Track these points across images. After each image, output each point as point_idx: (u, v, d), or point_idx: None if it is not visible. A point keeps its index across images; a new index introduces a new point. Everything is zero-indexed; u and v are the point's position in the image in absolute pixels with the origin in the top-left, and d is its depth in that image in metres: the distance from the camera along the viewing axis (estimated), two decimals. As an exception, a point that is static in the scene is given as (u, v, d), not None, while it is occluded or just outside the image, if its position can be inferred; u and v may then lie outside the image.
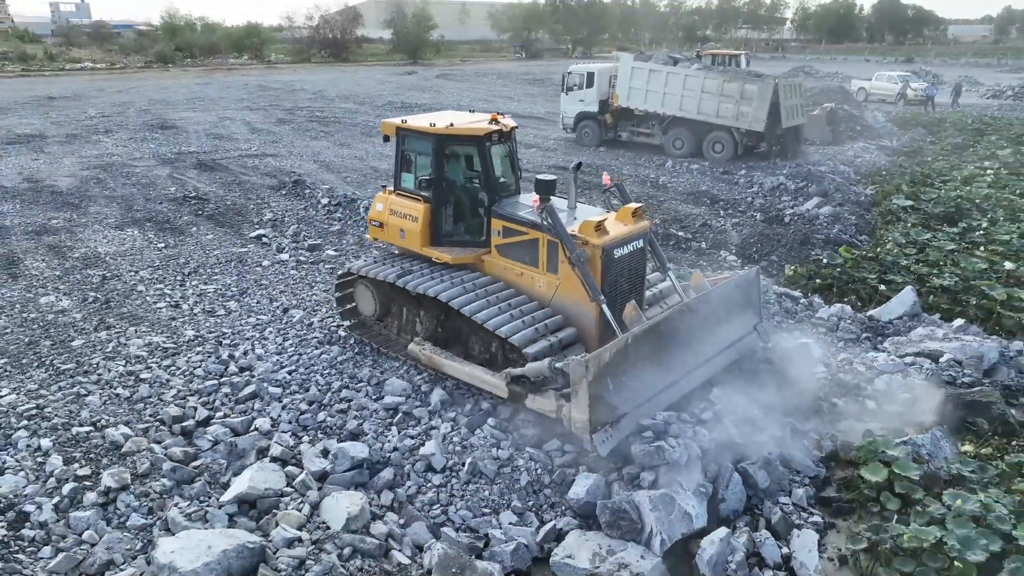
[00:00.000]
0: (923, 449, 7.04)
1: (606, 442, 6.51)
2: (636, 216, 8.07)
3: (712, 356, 7.96)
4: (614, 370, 6.67)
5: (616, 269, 7.74)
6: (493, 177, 8.51)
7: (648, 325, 7.18)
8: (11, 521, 5.87)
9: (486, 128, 8.37)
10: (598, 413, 6.48)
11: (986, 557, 5.45)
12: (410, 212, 8.65)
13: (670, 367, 7.31)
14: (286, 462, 6.81)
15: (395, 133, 8.85)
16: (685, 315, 7.63)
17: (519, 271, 8.24)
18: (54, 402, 7.60)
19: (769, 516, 6.44)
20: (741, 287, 8.69)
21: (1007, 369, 8.95)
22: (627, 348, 6.81)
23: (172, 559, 5.20)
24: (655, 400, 7.08)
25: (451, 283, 8.10)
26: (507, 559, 5.84)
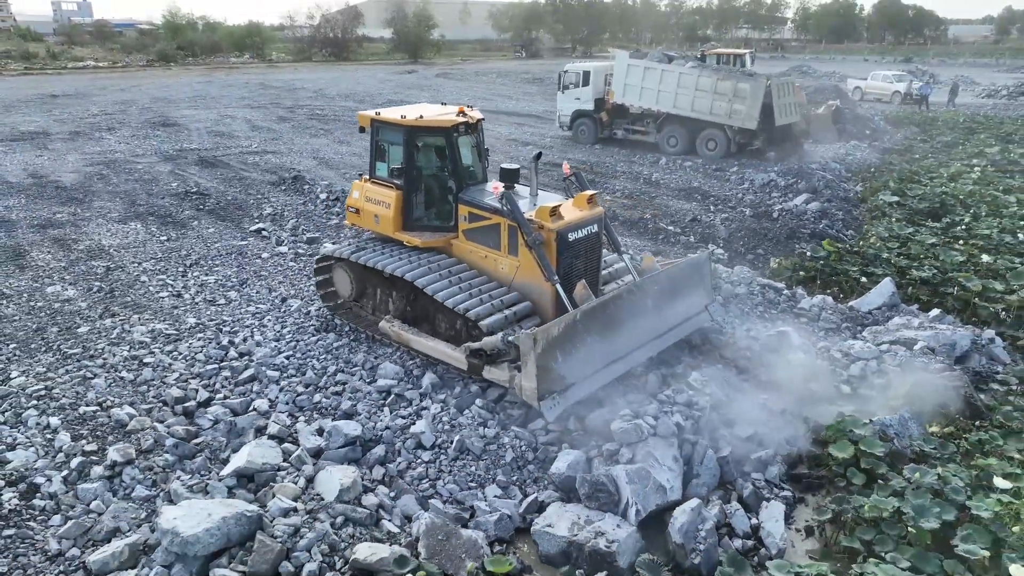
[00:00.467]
0: (891, 429, 7.38)
1: (553, 408, 7.08)
2: (591, 202, 8.59)
3: (662, 333, 8.51)
4: (563, 343, 7.21)
5: (571, 251, 8.27)
6: (460, 166, 9.02)
7: (596, 303, 7.71)
8: (23, 492, 6.22)
9: (454, 120, 8.86)
10: (546, 382, 7.03)
11: (939, 524, 5.79)
12: (383, 199, 9.19)
13: (618, 342, 7.85)
14: (283, 439, 7.15)
15: (370, 124, 9.37)
16: (633, 294, 8.17)
17: (484, 254, 8.76)
18: (62, 384, 7.95)
19: (741, 491, 6.78)
20: (691, 269, 9.25)
21: (978, 356, 9.29)
22: (575, 323, 7.37)
23: (175, 525, 5.54)
24: (603, 372, 7.64)
25: (419, 265, 8.65)
26: (491, 528, 6.19)
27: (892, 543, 5.82)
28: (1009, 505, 5.93)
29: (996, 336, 9.75)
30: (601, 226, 8.74)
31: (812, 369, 8.95)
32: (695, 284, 9.28)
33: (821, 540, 6.37)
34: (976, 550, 5.50)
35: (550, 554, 6.00)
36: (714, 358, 9.04)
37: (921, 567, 5.50)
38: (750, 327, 10.20)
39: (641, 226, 14.64)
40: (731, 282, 11.57)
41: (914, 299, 11.30)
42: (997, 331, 9.98)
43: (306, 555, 5.63)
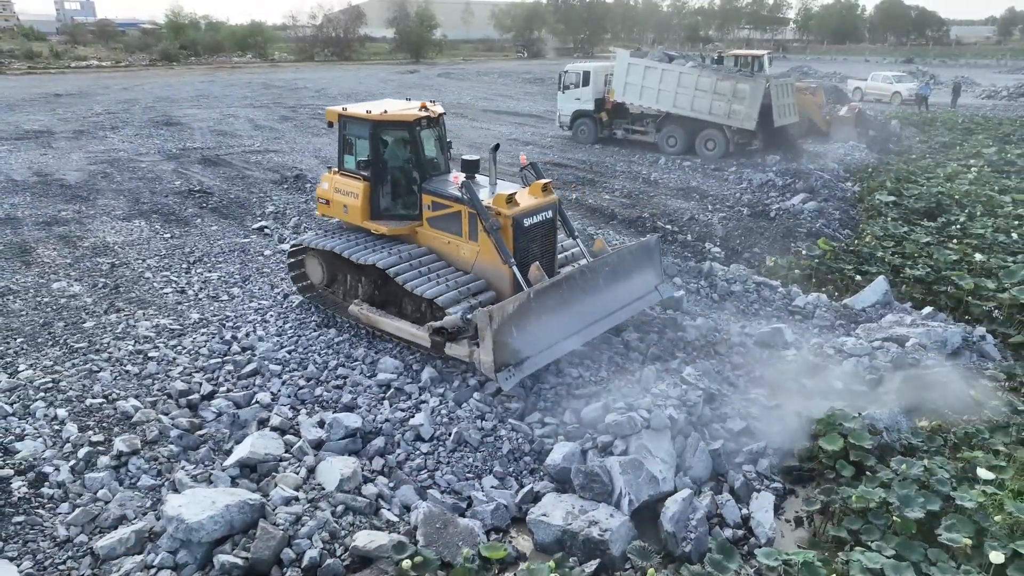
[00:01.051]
0: (880, 423, 7.53)
1: (509, 379, 7.63)
2: (546, 191, 9.15)
3: (614, 310, 9.06)
4: (518, 320, 7.74)
5: (527, 236, 8.79)
6: (424, 158, 9.52)
7: (549, 282, 8.27)
8: (31, 481, 6.38)
9: (416, 114, 9.37)
10: (502, 355, 7.57)
11: (924, 514, 5.94)
12: (351, 190, 9.67)
13: (570, 318, 8.40)
14: (285, 431, 7.31)
15: (337, 119, 9.82)
16: (584, 274, 8.75)
17: (447, 240, 9.26)
18: (68, 377, 8.11)
19: (732, 482, 6.94)
20: (640, 252, 9.78)
21: (969, 353, 9.45)
22: (529, 302, 7.91)
23: (180, 512, 5.71)
24: (557, 346, 8.19)
25: (386, 252, 9.15)
26: (487, 517, 6.35)
27: (878, 532, 5.97)
28: (993, 496, 6.08)
29: (987, 334, 9.90)
30: (555, 212, 9.25)
31: (805, 365, 9.11)
32: (645, 265, 9.81)
33: (810, 530, 6.53)
34: (959, 539, 5.65)
35: (545, 542, 6.16)
36: (708, 353, 9.19)
37: (906, 555, 5.65)
38: (745, 324, 10.36)
39: (640, 225, 14.78)
40: (727, 280, 11.73)
41: (908, 297, 11.45)
42: (989, 329, 10.13)
43: (307, 542, 5.80)
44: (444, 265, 9.16)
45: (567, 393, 7.99)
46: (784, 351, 9.51)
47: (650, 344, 9.20)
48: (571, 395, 7.92)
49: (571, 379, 8.29)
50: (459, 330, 8.06)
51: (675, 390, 7.61)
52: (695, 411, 7.51)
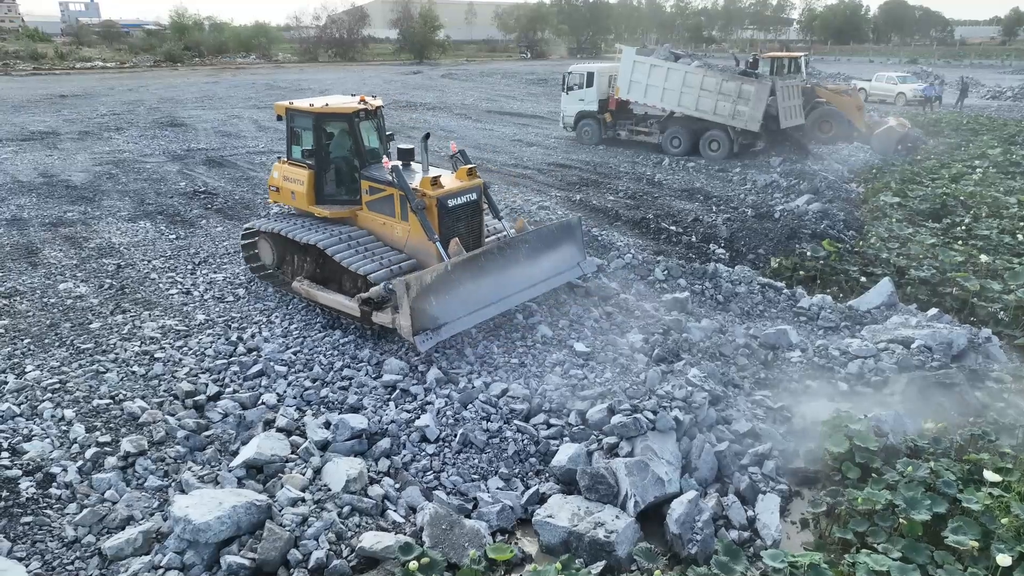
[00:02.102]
0: (885, 425, 7.52)
1: (426, 342, 8.35)
2: (471, 175, 10.00)
3: (534, 283, 9.84)
4: (436, 289, 8.53)
5: (451, 215, 9.58)
6: (363, 147, 10.26)
7: (466, 256, 9.04)
8: (39, 481, 6.41)
9: (355, 107, 10.17)
10: (420, 321, 8.33)
11: (930, 516, 5.94)
12: (298, 178, 10.54)
13: (488, 289, 9.17)
14: (291, 432, 7.34)
15: (285, 113, 10.66)
16: (502, 250, 9.50)
17: (382, 221, 10.10)
18: (75, 378, 8.14)
19: (738, 484, 6.94)
20: (561, 230, 10.53)
21: (975, 355, 9.43)
22: (447, 273, 8.70)
23: (187, 513, 5.74)
24: (476, 314, 8.97)
25: (325, 233, 9.96)
26: (493, 519, 6.36)
27: (884, 535, 5.97)
28: (999, 498, 6.07)
29: (993, 335, 9.88)
30: (480, 194, 10.06)
31: (811, 367, 9.11)
32: (566, 243, 10.55)
33: (815, 532, 6.53)
34: (965, 541, 5.64)
35: (551, 544, 6.16)
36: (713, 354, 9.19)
37: (912, 557, 5.64)
38: (750, 325, 10.36)
39: (644, 226, 14.78)
40: (732, 281, 11.72)
41: (913, 299, 11.43)
42: (994, 330, 10.11)
43: (314, 543, 5.82)
44: (379, 244, 9.95)
45: (572, 394, 7.99)
46: (789, 352, 9.51)
47: (655, 345, 9.21)
48: (576, 396, 7.93)
49: (576, 380, 8.30)
50: (383, 300, 8.79)
51: (680, 391, 7.61)
52: (700, 413, 7.51)
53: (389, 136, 10.68)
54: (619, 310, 10.38)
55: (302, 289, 10.09)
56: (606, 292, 10.88)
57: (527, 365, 8.76)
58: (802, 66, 27.08)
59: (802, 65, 27.10)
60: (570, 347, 9.10)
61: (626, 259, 12.12)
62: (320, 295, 9.87)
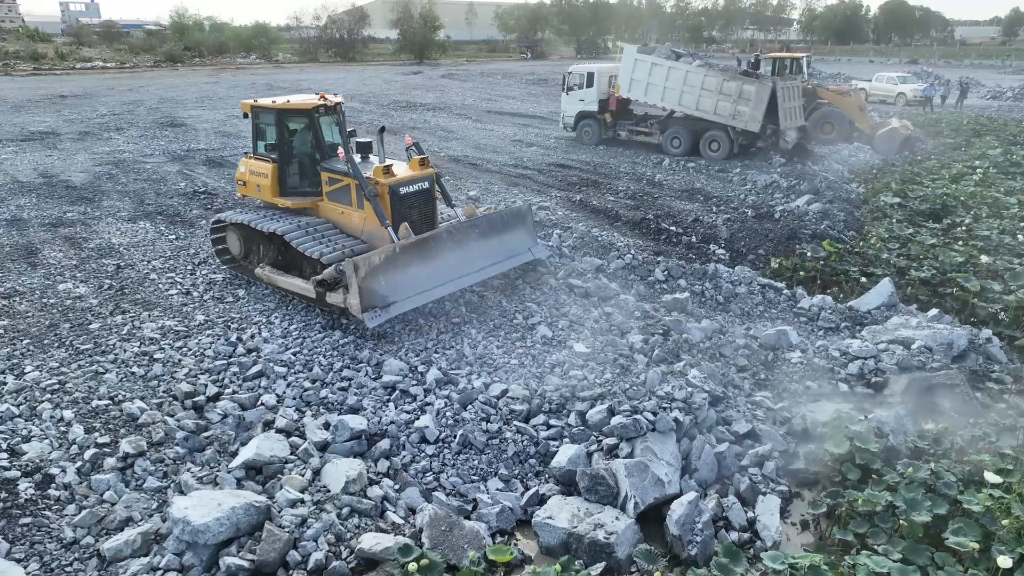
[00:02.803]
0: (886, 426, 7.51)
1: (374, 319, 8.88)
2: (423, 165, 10.57)
3: (484, 266, 10.35)
4: (385, 270, 9.03)
5: (404, 203, 10.20)
6: (322, 140, 10.78)
7: (415, 239, 9.55)
8: (38, 483, 6.39)
9: (314, 103, 10.65)
10: (368, 299, 8.85)
11: (931, 518, 5.93)
12: (263, 171, 11.03)
13: (438, 271, 9.67)
14: (290, 433, 7.32)
15: (250, 110, 11.19)
16: (451, 234, 10.01)
17: (341, 210, 10.64)
18: (75, 378, 8.13)
19: (738, 485, 6.93)
20: (511, 217, 11.12)
21: (975, 355, 9.42)
22: (395, 255, 9.18)
23: (186, 514, 5.73)
24: (425, 294, 9.49)
25: (286, 222, 10.50)
26: (493, 520, 6.35)
27: (885, 536, 5.96)
28: (1000, 500, 6.06)
29: (994, 336, 9.88)
30: (432, 183, 10.69)
31: (811, 368, 9.10)
32: (517, 229, 11.09)
33: (816, 533, 6.53)
34: (966, 542, 5.63)
35: (550, 545, 6.16)
36: (713, 355, 9.18)
37: (912, 559, 5.63)
38: (750, 326, 10.35)
39: (644, 226, 14.77)
40: (732, 282, 11.72)
41: (913, 299, 11.43)
42: (995, 331, 10.10)
43: (313, 544, 5.81)
44: (335, 231, 10.50)
45: (572, 395, 7.97)
46: (789, 353, 9.50)
47: (655, 346, 9.20)
48: (576, 397, 7.91)
49: (576, 381, 8.29)
50: (336, 281, 9.27)
51: (680, 392, 7.60)
52: (700, 414, 7.50)
53: (351, 132, 11.24)
54: (619, 310, 10.37)
55: (264, 275, 10.67)
56: (606, 292, 10.88)
57: (527, 366, 8.75)
58: (804, 67, 26.96)
59: (804, 66, 26.99)
60: (570, 348, 9.09)
61: (626, 259, 12.11)
62: (279, 280, 10.45)
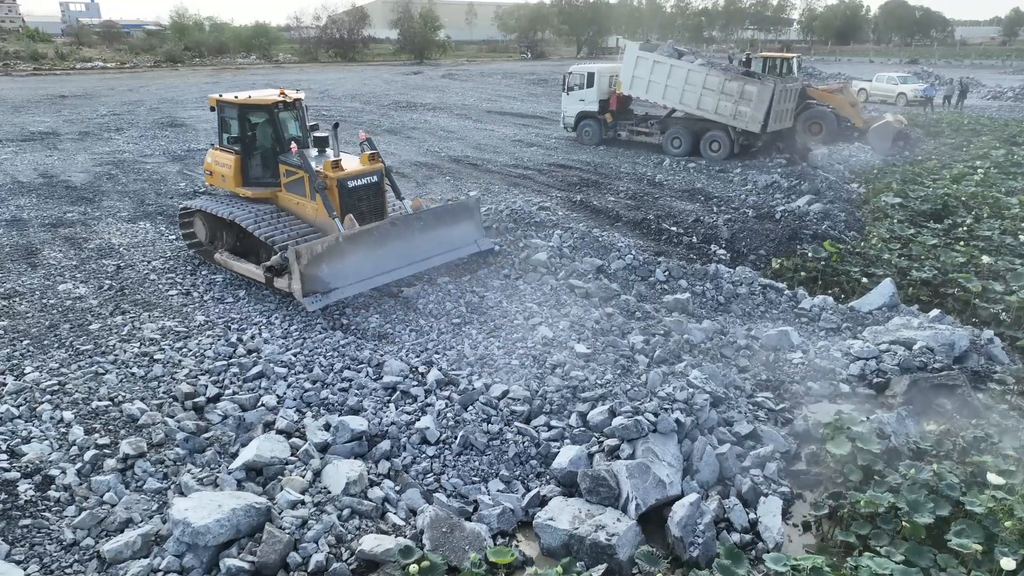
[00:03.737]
0: (888, 427, 7.49)
1: (314, 303, 9.56)
2: (373, 160, 11.18)
3: (428, 257, 10.92)
4: (327, 258, 9.66)
5: (352, 195, 10.79)
6: (281, 134, 11.38)
7: (358, 230, 10.13)
8: (38, 484, 6.38)
9: (274, 99, 11.31)
10: (309, 284, 9.52)
11: (933, 519, 5.91)
12: (227, 162, 11.69)
13: (380, 260, 10.26)
14: (290, 434, 7.30)
15: (216, 104, 11.80)
16: (396, 225, 10.57)
17: (296, 201, 11.29)
18: (75, 379, 8.11)
19: (740, 487, 6.91)
20: (458, 210, 11.73)
21: (977, 356, 9.40)
22: (337, 244, 9.79)
23: (186, 515, 5.71)
24: (367, 281, 10.11)
25: (243, 210, 11.17)
26: (494, 521, 6.33)
27: (887, 538, 5.94)
28: (1003, 501, 6.03)
29: (995, 337, 9.86)
30: (381, 177, 11.29)
31: (812, 368, 9.08)
32: (463, 222, 11.62)
33: (818, 535, 6.50)
34: (969, 544, 5.61)
35: (552, 547, 6.14)
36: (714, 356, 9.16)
37: (915, 560, 5.61)
38: (751, 326, 10.33)
39: (645, 226, 14.75)
40: (733, 282, 11.69)
41: (914, 300, 11.40)
42: (996, 332, 10.08)
43: (313, 546, 5.79)
44: (292, 220, 11.12)
45: (573, 396, 7.96)
46: (791, 354, 9.48)
47: (656, 347, 9.18)
48: (577, 398, 7.90)
49: (577, 382, 8.26)
50: (282, 267, 9.87)
51: (682, 393, 7.58)
52: (702, 415, 7.48)
53: (313, 126, 11.99)
54: (620, 311, 10.35)
55: (221, 260, 11.42)
56: (607, 293, 10.86)
57: (528, 366, 8.72)
58: (794, 67, 26.98)
59: (794, 66, 27.00)
60: (571, 348, 9.06)
61: (627, 260, 12.09)
62: (235, 264, 11.16)
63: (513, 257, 12.12)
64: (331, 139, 11.20)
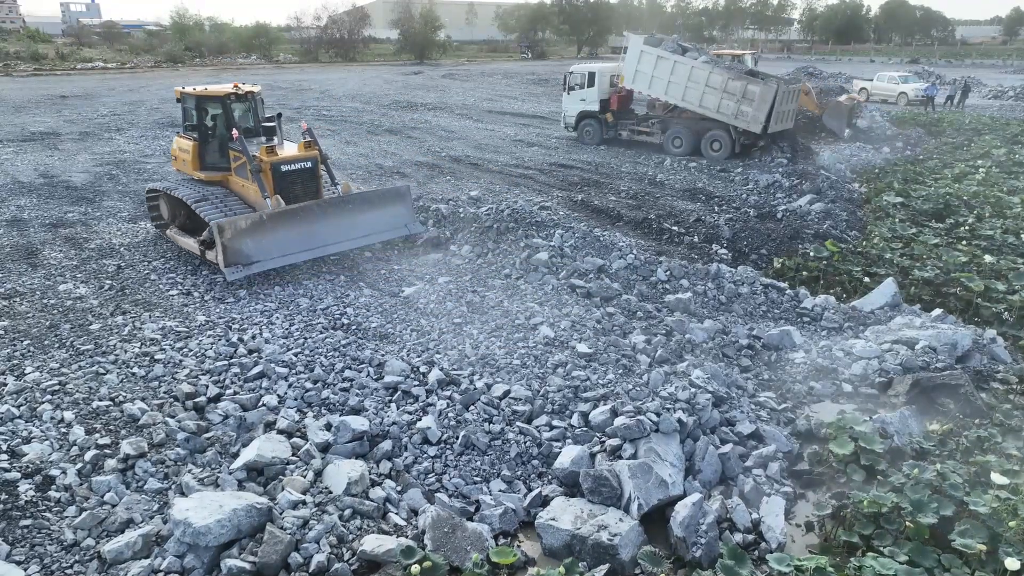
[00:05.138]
0: (890, 427, 7.47)
1: (234, 273, 10.70)
2: (307, 147, 12.35)
3: (352, 238, 11.91)
4: (251, 234, 10.81)
5: (285, 179, 11.90)
6: (233, 123, 12.31)
7: (282, 209, 11.21)
8: (38, 484, 6.35)
9: (227, 91, 12.40)
10: (231, 257, 10.64)
11: (937, 520, 5.88)
12: (186, 148, 12.86)
13: (304, 238, 11.31)
14: (291, 434, 7.28)
15: (180, 95, 12.94)
16: (321, 207, 11.62)
17: (242, 184, 12.26)
18: (75, 379, 8.09)
19: (742, 486, 6.88)
20: (389, 195, 12.83)
21: (979, 356, 9.37)
22: (261, 221, 10.95)
23: (187, 516, 5.69)
24: (290, 256, 11.21)
25: (191, 190, 12.29)
26: (496, 522, 6.31)
27: (891, 538, 5.91)
28: (1006, 501, 6.01)
29: (998, 336, 9.83)
30: (316, 163, 12.35)
31: (814, 368, 9.06)
32: (393, 207, 12.62)
33: (821, 535, 6.47)
34: (973, 544, 5.59)
35: (554, 547, 6.11)
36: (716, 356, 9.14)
37: (919, 561, 5.59)
38: (753, 326, 10.31)
39: (646, 226, 14.73)
40: (734, 282, 11.67)
41: (916, 299, 11.38)
42: (999, 331, 10.06)
43: (315, 546, 5.77)
44: (236, 201, 12.12)
45: (575, 396, 7.94)
46: (793, 354, 9.46)
47: (658, 346, 9.16)
48: (579, 398, 7.88)
49: (579, 382, 8.24)
50: (212, 241, 10.77)
51: (684, 393, 7.56)
52: (704, 414, 7.46)
53: (277, 115, 12.92)
54: (621, 311, 10.33)
55: (170, 235, 12.60)
56: (609, 293, 10.84)
57: (529, 366, 8.69)
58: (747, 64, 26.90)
59: (747, 63, 26.90)
60: (572, 348, 9.04)
61: (628, 259, 12.06)
62: (179, 240, 12.25)
63: (514, 257, 12.10)
64: (277, 129, 12.51)
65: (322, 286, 11.26)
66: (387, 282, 11.49)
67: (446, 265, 12.06)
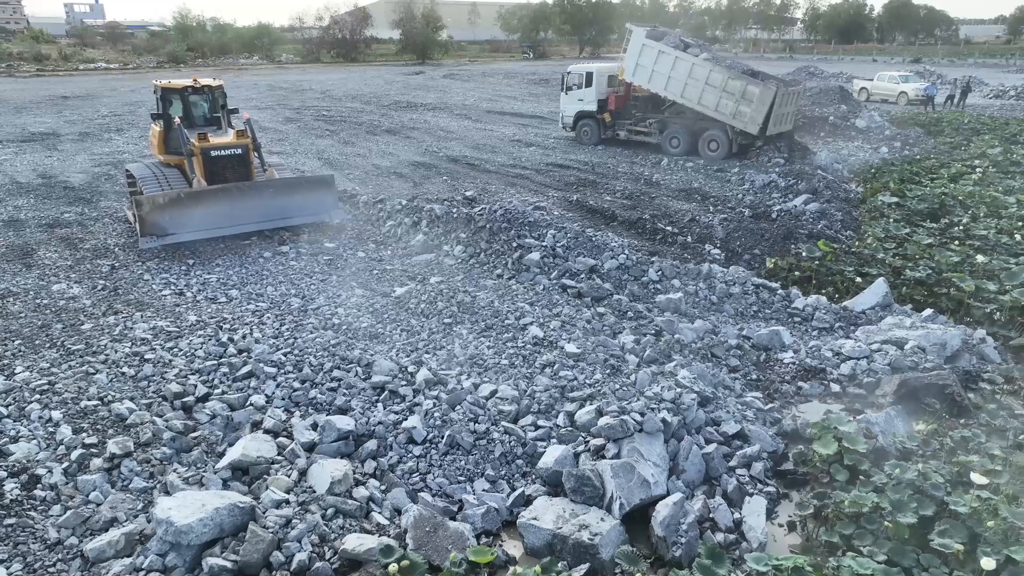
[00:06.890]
0: (876, 427, 7.47)
1: (147, 243, 12.43)
2: (240, 136, 13.82)
3: (270, 219, 13.49)
4: (170, 209, 12.42)
5: (216, 164, 13.40)
6: (191, 113, 14.55)
7: (202, 189, 12.81)
8: (24, 483, 6.39)
9: (185, 83, 14.53)
10: (148, 228, 12.41)
11: (917, 519, 5.89)
12: (155, 134, 14.78)
13: (220, 216, 12.84)
14: (278, 434, 7.31)
15: (155, 88, 14.50)
16: (241, 189, 13.12)
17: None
18: (64, 379, 8.13)
19: (725, 486, 6.90)
20: (309, 183, 14.45)
21: (969, 356, 9.37)
22: (179, 198, 12.54)
23: (169, 514, 5.72)
24: (206, 231, 12.80)
25: (147, 170, 14.09)
26: (478, 521, 6.32)
27: (871, 537, 5.92)
28: (987, 501, 6.02)
29: (988, 336, 9.83)
30: (247, 151, 13.73)
31: (803, 368, 9.06)
32: (315, 193, 14.07)
33: (802, 535, 6.49)
34: (952, 544, 5.59)
35: (535, 546, 6.13)
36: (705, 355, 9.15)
37: (897, 560, 5.60)
38: (743, 326, 10.32)
39: (640, 226, 14.74)
40: (726, 282, 11.67)
41: (908, 299, 11.37)
42: (989, 331, 10.05)
43: (296, 545, 5.79)
44: (179, 179, 13.75)
45: (561, 396, 7.96)
46: (782, 353, 9.47)
47: (646, 346, 9.17)
48: (565, 398, 7.90)
49: (566, 382, 8.26)
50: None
51: (669, 393, 7.57)
52: (689, 414, 7.47)
53: (233, 110, 14.85)
54: (611, 311, 10.35)
55: (128, 209, 14.29)
56: (599, 293, 10.86)
57: (517, 366, 8.72)
58: None
59: None
60: (561, 348, 9.06)
61: (620, 260, 12.07)
62: (128, 212, 14.15)
63: (506, 257, 12.12)
64: (223, 119, 14.53)
65: (314, 286, 11.30)
66: (379, 282, 11.52)
67: (438, 265, 12.10)
